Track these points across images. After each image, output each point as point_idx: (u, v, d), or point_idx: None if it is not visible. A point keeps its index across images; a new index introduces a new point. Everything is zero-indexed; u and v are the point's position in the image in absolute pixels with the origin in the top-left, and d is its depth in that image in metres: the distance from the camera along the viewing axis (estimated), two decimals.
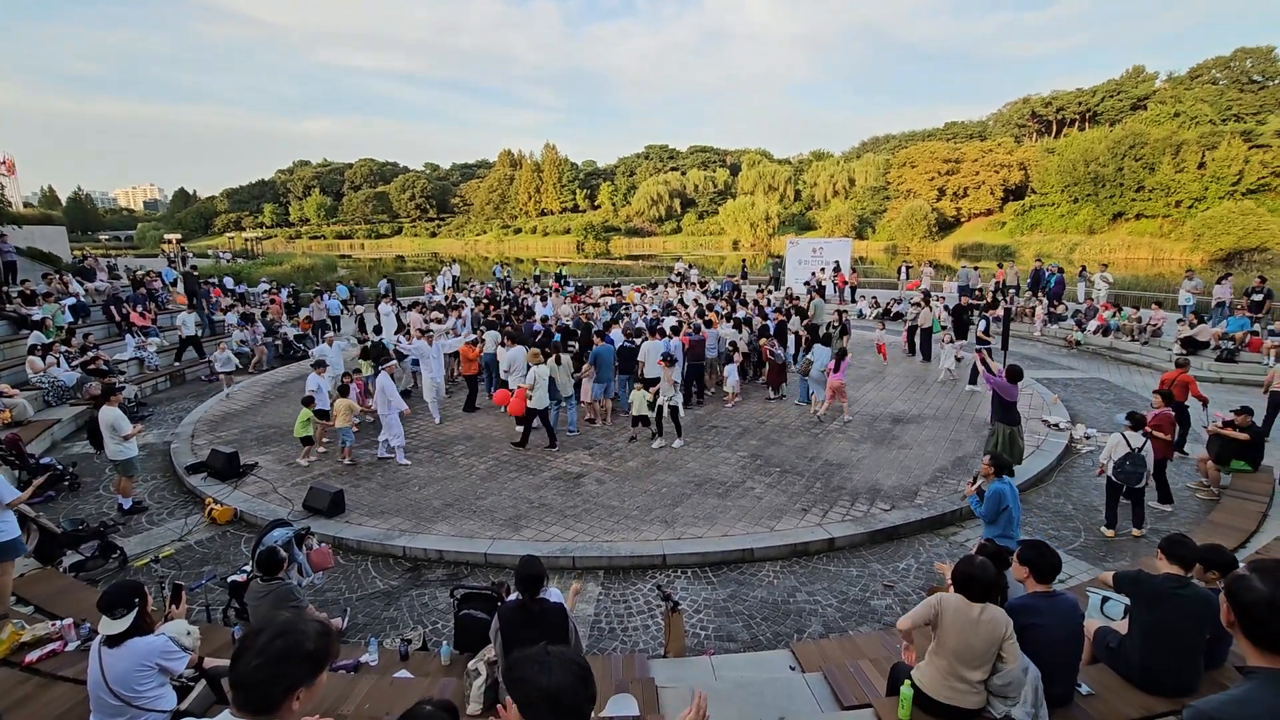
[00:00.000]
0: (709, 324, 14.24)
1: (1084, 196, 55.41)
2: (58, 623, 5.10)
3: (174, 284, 21.67)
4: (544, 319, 15.36)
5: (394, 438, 10.00)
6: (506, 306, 18.47)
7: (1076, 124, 72.93)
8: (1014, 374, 8.79)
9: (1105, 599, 4.94)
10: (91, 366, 13.49)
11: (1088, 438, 10.62)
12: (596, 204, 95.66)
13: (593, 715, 2.71)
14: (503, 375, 11.50)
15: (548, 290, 22.21)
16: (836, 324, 15.56)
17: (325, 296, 21.17)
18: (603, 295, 21.00)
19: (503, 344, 12.11)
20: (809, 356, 12.17)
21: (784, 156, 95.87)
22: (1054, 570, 3.80)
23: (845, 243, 29.01)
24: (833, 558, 7.31)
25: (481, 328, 14.52)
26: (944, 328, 15.98)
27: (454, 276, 29.19)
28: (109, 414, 8.31)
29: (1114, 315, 17.58)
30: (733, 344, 13.59)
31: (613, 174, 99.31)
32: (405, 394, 11.97)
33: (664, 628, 5.63)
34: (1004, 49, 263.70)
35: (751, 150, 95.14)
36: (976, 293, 21.55)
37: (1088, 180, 54.40)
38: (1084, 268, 23.81)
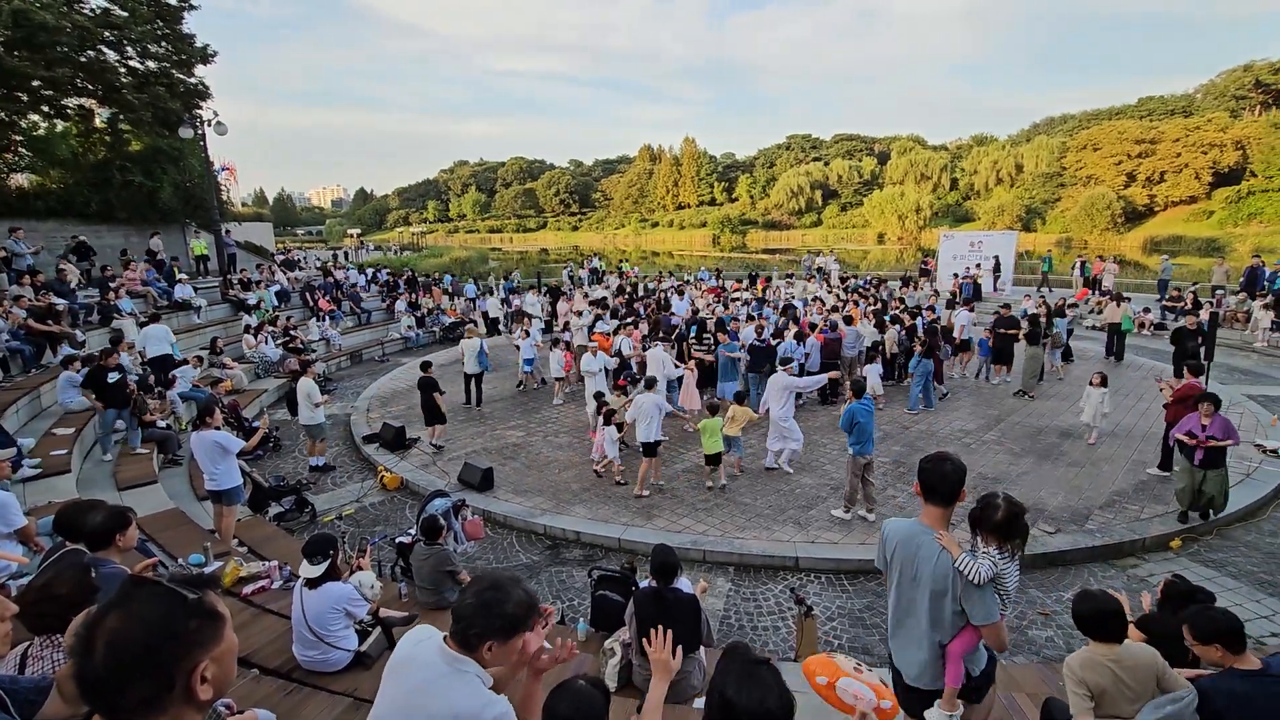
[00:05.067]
0: (848, 320, 13.67)
1: None
2: (266, 563, 5.99)
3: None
4: (695, 310, 15.74)
5: (793, 441, 9.26)
6: (640, 299, 18.93)
7: None
8: (1218, 404, 7.30)
9: None
10: (291, 345, 15.61)
11: None
12: (734, 197, 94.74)
13: None
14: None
15: (684, 285, 22.39)
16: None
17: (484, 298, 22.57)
18: (734, 290, 20.81)
19: (615, 333, 12.55)
20: None
21: (940, 143, 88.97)
22: (1240, 632, 2.95)
23: (1010, 236, 26.23)
24: None
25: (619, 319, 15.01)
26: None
27: (593, 270, 30.05)
28: (305, 385, 9.67)
29: None
30: (875, 343, 12.93)
31: (751, 166, 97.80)
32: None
33: (795, 631, 5.53)
34: (1216, 8, 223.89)
35: (903, 137, 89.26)
36: (1174, 292, 18.81)
37: None
38: None
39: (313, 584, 4.10)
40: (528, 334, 14.13)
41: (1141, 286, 24.27)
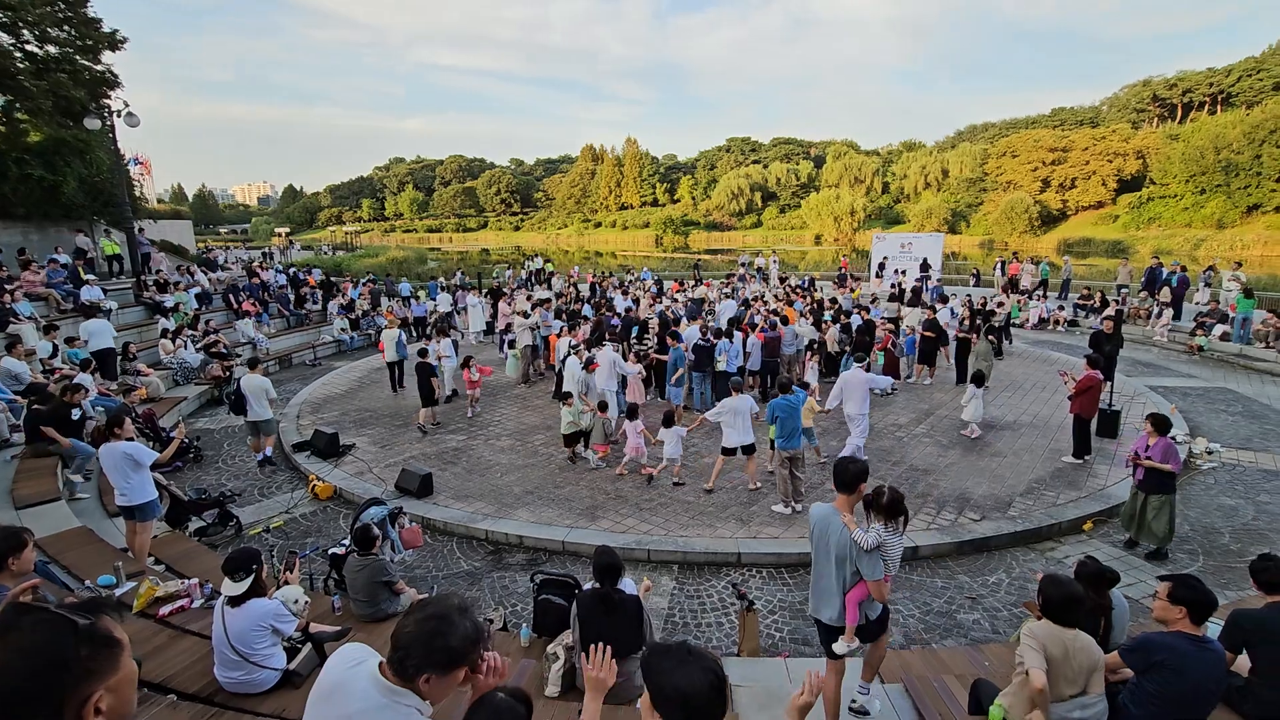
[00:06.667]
0: (784, 320, 13.99)
1: (1213, 187, 50.25)
2: (185, 581, 5.64)
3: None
4: (628, 310, 15.71)
5: (859, 436, 9.47)
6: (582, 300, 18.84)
7: (1206, 108, 66.26)
8: (1161, 424, 7.11)
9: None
10: (213, 349, 14.79)
11: (1210, 453, 9.69)
12: (676, 198, 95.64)
13: None
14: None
15: (628, 285, 22.44)
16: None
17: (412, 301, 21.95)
18: (675, 291, 20.98)
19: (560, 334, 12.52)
20: None
21: (872, 147, 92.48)
22: (1212, 609, 3.44)
23: (937, 237, 27.63)
24: (916, 566, 7.03)
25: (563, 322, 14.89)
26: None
27: (535, 270, 29.64)
28: (259, 381, 9.66)
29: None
30: (813, 342, 13.28)
31: (693, 167, 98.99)
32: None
33: (738, 626, 5.60)
34: (1121, 28, 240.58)
35: (837, 141, 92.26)
36: (1085, 290, 20.08)
37: (1218, 169, 49.25)
38: (1211, 266, 21.65)
39: (235, 601, 3.89)
40: (428, 337, 13.52)
41: (1054, 286, 25.82)
